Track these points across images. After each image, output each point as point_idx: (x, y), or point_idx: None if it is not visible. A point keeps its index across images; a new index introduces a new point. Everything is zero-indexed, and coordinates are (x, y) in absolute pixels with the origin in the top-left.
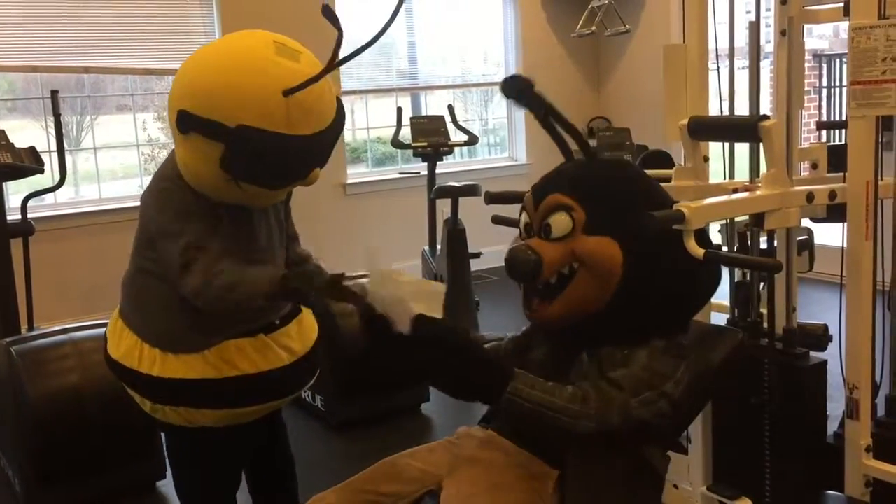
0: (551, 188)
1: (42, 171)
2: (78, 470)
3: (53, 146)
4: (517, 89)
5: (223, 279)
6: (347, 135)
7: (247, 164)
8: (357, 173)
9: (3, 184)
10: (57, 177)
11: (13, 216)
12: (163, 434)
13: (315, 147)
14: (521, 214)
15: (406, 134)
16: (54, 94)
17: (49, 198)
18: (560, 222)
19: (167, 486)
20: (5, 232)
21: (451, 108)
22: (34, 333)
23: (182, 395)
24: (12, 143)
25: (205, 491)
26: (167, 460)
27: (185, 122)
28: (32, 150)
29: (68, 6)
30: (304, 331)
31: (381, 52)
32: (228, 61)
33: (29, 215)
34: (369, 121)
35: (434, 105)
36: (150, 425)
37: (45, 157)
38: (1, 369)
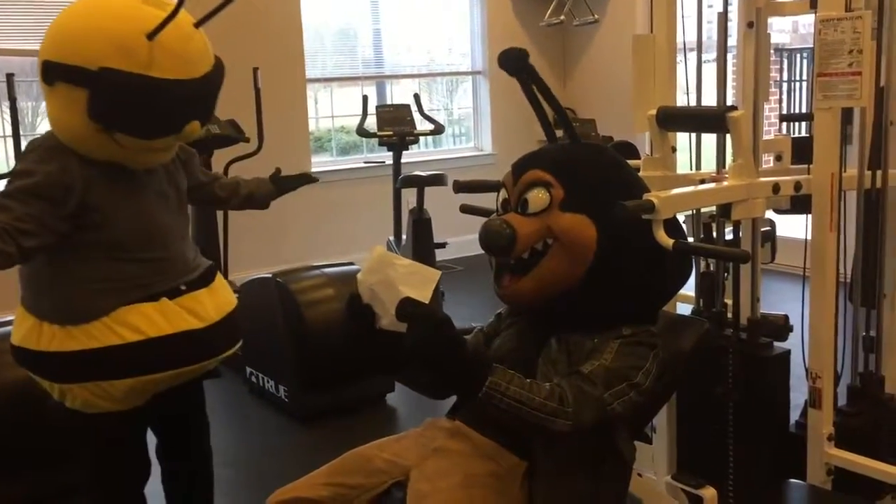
0: (531, 164)
1: None
2: (26, 468)
3: (8, 131)
4: (514, 59)
5: None
6: (311, 123)
7: (113, 109)
8: (321, 162)
9: None
10: (12, 162)
11: None
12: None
13: (186, 95)
14: (499, 193)
15: (371, 123)
16: (9, 77)
17: (2, 184)
18: (537, 198)
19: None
20: None
21: (416, 98)
22: None
23: (88, 368)
24: None
25: (115, 478)
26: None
27: (50, 72)
28: None
29: None
30: (217, 298)
31: (347, 40)
32: (92, 8)
33: None
34: (334, 109)
35: (399, 94)
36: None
37: None
38: None
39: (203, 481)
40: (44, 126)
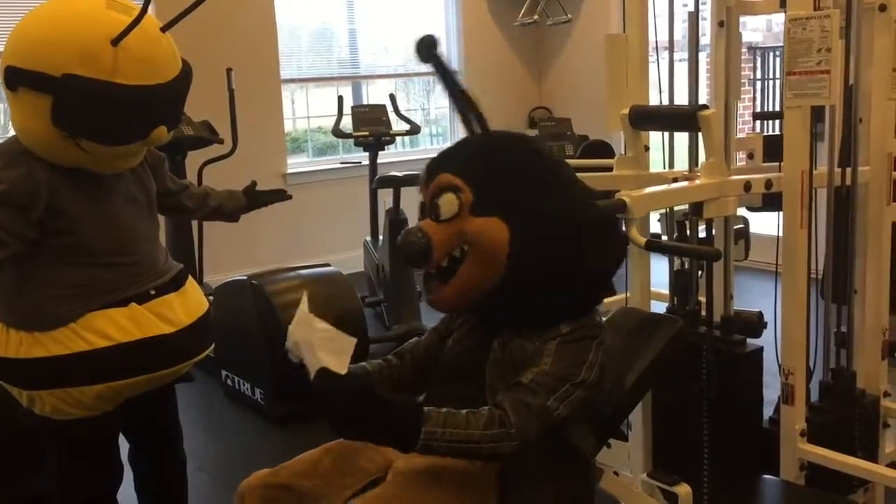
0: (442, 167)
1: None
2: (4, 472)
3: None
4: (424, 46)
5: None
6: (287, 124)
7: (77, 116)
8: (298, 163)
9: None
10: None
11: None
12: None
13: (151, 101)
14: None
15: (347, 123)
16: None
17: None
18: (448, 203)
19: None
20: None
21: (392, 98)
22: None
23: (56, 375)
24: None
25: (85, 484)
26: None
27: (12, 78)
28: None
29: None
30: (188, 302)
31: (322, 40)
32: (56, 13)
33: None
34: (310, 110)
35: (376, 94)
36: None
37: None
38: None
39: (177, 487)
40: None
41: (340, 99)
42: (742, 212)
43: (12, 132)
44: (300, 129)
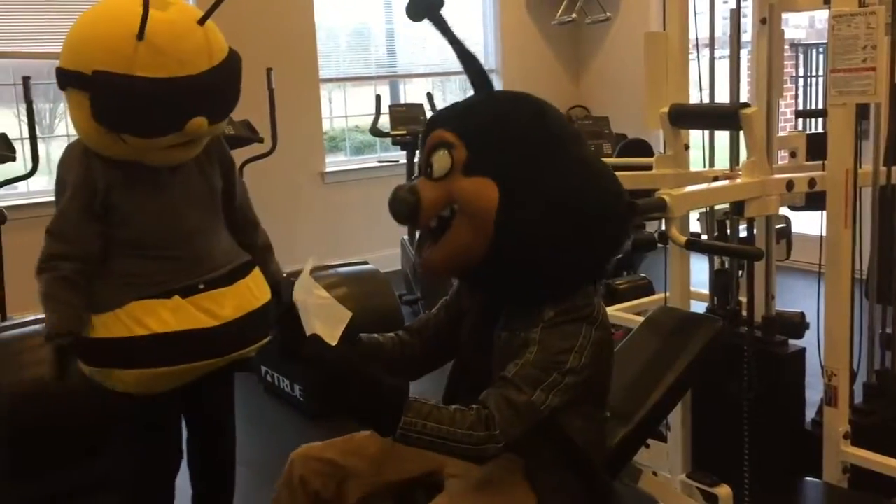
0: (439, 123)
1: (14, 159)
2: (52, 462)
3: (25, 133)
4: (423, 5)
5: (42, 280)
6: (325, 123)
7: (109, 110)
8: (336, 162)
9: None
10: (29, 165)
11: None
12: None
13: (178, 92)
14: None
15: (385, 122)
16: (26, 80)
17: (22, 186)
18: (440, 161)
19: None
20: None
21: (430, 97)
22: (7, 324)
23: (100, 356)
24: None
25: (143, 458)
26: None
27: (61, 79)
28: (4, 138)
29: None
30: (241, 297)
31: (360, 39)
32: (93, 14)
33: (1, 204)
34: (347, 109)
35: (413, 93)
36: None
37: (17, 145)
38: None
39: (225, 474)
40: (60, 128)
41: (378, 98)
42: (784, 211)
43: (64, 129)
44: (337, 128)
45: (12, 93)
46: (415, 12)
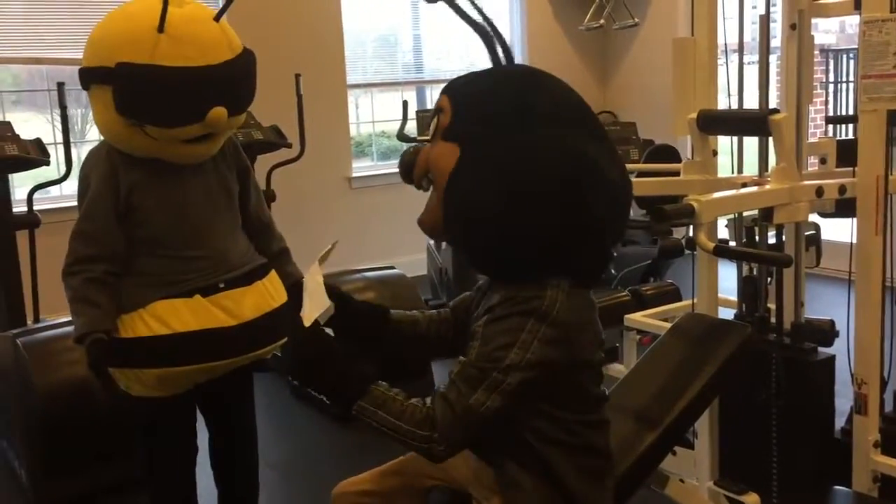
0: (445, 90)
1: (48, 164)
2: (85, 461)
3: (59, 138)
4: None
5: (72, 284)
6: (352, 129)
7: (132, 100)
8: (362, 167)
9: (9, 176)
10: (63, 169)
11: (19, 208)
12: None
13: (199, 81)
14: None
15: (412, 128)
16: (60, 86)
17: (54, 190)
18: (432, 125)
19: None
20: (11, 224)
21: (405, 105)
22: (40, 325)
23: (123, 355)
24: (18, 135)
25: (160, 457)
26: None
27: (84, 78)
28: (38, 143)
29: None
30: (259, 297)
31: (387, 45)
32: (112, 14)
33: (35, 207)
34: (374, 114)
35: None
36: None
37: (50, 150)
38: (7, 361)
39: (248, 473)
40: (92, 133)
41: (405, 104)
42: (814, 217)
43: (94, 134)
44: (364, 133)
45: (46, 98)
46: None
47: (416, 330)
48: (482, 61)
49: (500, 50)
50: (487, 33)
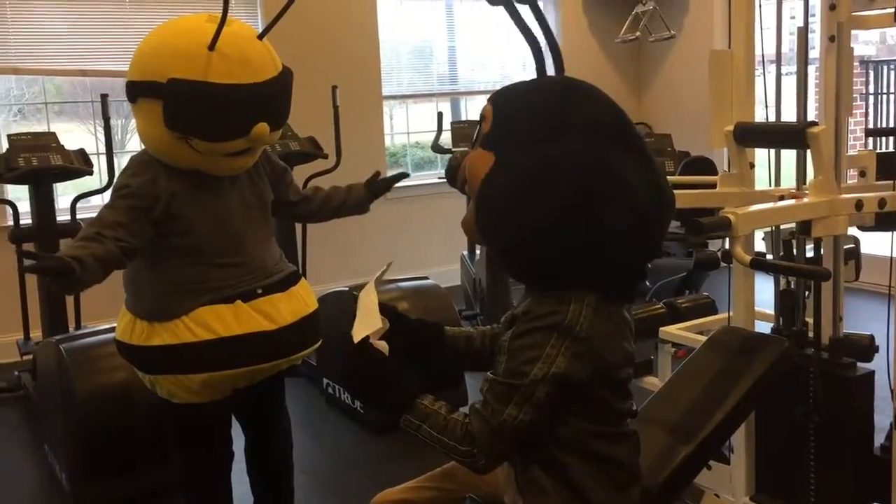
0: (491, 98)
1: (91, 173)
2: (125, 466)
3: (100, 148)
4: None
5: (82, 234)
6: (387, 140)
7: (183, 115)
8: None
9: (53, 185)
10: (105, 179)
11: (62, 217)
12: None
13: (247, 98)
14: None
15: (446, 139)
16: (104, 97)
17: (95, 199)
18: (477, 131)
19: None
20: (55, 232)
21: (440, 116)
22: (83, 332)
23: (169, 362)
24: (62, 146)
25: (196, 463)
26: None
27: (131, 91)
28: (82, 153)
29: (115, 12)
30: (294, 302)
31: (422, 57)
32: (162, 30)
33: (77, 216)
34: (409, 125)
35: (474, 110)
36: None
37: (91, 160)
38: (50, 366)
39: (282, 473)
40: (132, 143)
41: (440, 115)
42: (853, 231)
43: (134, 144)
44: (398, 144)
45: (87, 109)
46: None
47: (470, 346)
48: (517, 73)
49: (549, 59)
50: (536, 41)
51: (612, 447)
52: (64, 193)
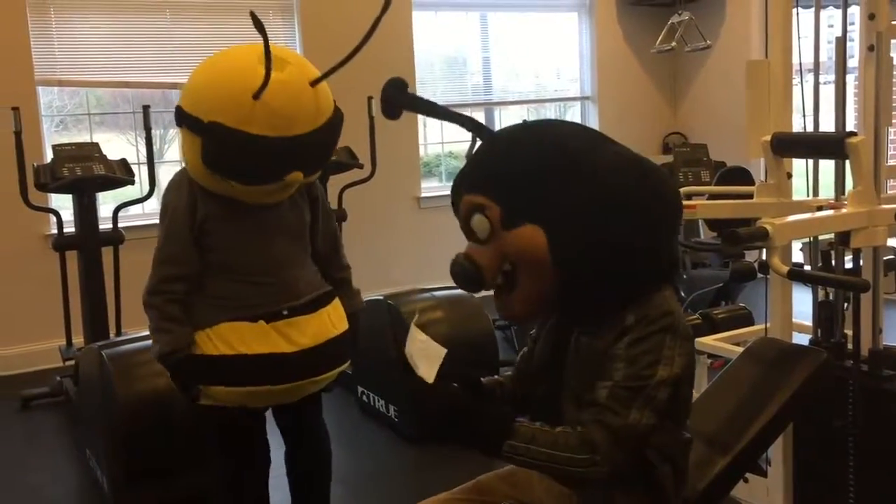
0: (463, 188)
1: (133, 183)
2: (165, 470)
3: (140, 158)
4: (396, 95)
5: (156, 303)
6: (421, 150)
7: (219, 159)
8: (430, 187)
9: (96, 194)
10: (146, 188)
11: (104, 225)
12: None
13: (284, 150)
14: None
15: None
16: (146, 108)
17: (135, 208)
18: (479, 225)
19: None
20: (97, 240)
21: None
22: (124, 338)
23: (190, 370)
24: (105, 155)
25: (232, 470)
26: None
27: (179, 118)
28: (124, 162)
29: (156, 25)
30: (320, 325)
31: (456, 67)
32: (216, 64)
33: (119, 225)
34: (443, 135)
35: (508, 120)
36: None
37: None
38: (92, 372)
39: (319, 480)
40: (170, 153)
41: None
42: (892, 242)
43: (173, 154)
44: (431, 154)
45: (126, 120)
46: (390, 115)
47: (504, 391)
48: (551, 82)
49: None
50: (460, 116)
51: (684, 450)
52: (104, 202)
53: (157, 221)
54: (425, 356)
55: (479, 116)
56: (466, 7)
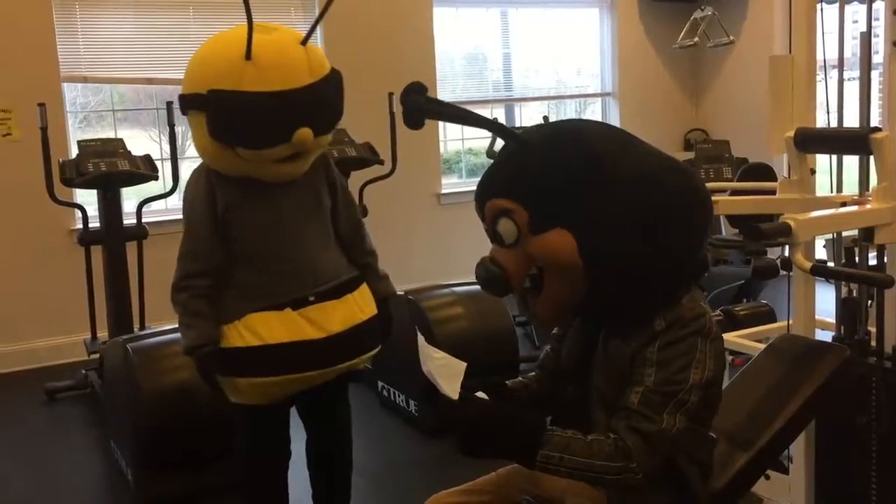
0: (489, 193)
1: (156, 178)
2: (188, 461)
3: (163, 154)
4: (414, 118)
5: (181, 298)
6: (441, 146)
7: (222, 125)
8: (450, 183)
9: (120, 189)
10: (170, 184)
11: (128, 220)
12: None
13: (283, 104)
14: None
15: (501, 145)
16: (169, 105)
17: (158, 203)
18: (507, 229)
19: None
20: (121, 235)
21: (545, 120)
22: (148, 332)
23: (218, 363)
24: (129, 151)
25: (254, 463)
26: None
27: (183, 105)
28: (148, 158)
29: (179, 22)
30: (347, 310)
31: (476, 63)
32: (208, 42)
33: (143, 220)
34: (464, 132)
35: (528, 116)
36: None
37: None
38: (117, 365)
39: (340, 468)
40: (192, 150)
41: (495, 121)
42: None
43: (192, 149)
44: (451, 150)
45: (148, 116)
46: (413, 124)
47: (530, 392)
48: (571, 79)
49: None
50: (487, 120)
51: (710, 450)
52: (128, 198)
53: (180, 217)
54: (446, 373)
55: (500, 113)
56: (487, 3)
